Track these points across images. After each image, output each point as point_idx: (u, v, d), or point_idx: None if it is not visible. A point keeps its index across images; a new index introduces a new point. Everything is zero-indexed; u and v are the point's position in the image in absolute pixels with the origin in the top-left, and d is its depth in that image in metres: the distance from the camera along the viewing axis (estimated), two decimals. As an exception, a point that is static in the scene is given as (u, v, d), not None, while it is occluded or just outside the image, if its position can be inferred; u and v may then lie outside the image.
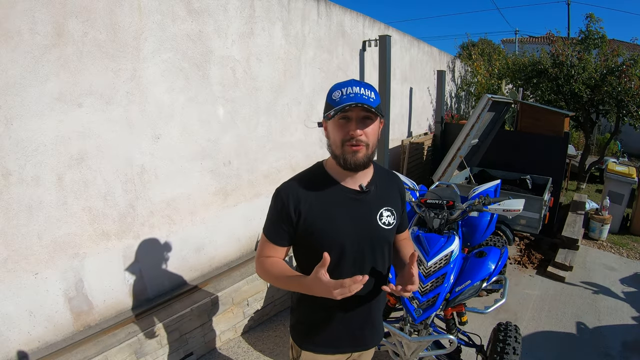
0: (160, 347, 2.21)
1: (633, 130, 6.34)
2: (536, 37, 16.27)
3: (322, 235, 1.14)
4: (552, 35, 6.92)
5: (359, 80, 1.13)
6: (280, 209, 1.14)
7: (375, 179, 1.23)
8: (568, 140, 4.54)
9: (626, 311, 3.18)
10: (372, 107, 1.05)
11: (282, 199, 1.14)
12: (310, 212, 1.13)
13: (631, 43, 7.56)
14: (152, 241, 2.36)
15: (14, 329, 1.82)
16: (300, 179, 1.19)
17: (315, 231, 1.14)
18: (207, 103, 2.55)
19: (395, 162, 5.26)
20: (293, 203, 1.13)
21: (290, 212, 1.13)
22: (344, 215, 1.15)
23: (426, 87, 6.29)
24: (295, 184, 1.17)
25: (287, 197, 1.14)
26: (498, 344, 1.95)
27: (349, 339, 1.26)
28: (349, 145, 1.08)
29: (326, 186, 1.17)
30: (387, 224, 1.21)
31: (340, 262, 1.15)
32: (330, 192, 1.16)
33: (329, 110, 1.08)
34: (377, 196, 1.21)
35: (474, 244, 2.87)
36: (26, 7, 1.67)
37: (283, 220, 1.15)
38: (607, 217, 4.69)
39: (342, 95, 1.07)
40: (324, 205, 1.14)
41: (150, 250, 2.35)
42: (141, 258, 2.31)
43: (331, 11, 3.63)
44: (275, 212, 1.16)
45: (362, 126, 1.08)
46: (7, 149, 1.69)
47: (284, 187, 1.17)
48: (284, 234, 1.17)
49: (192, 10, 2.36)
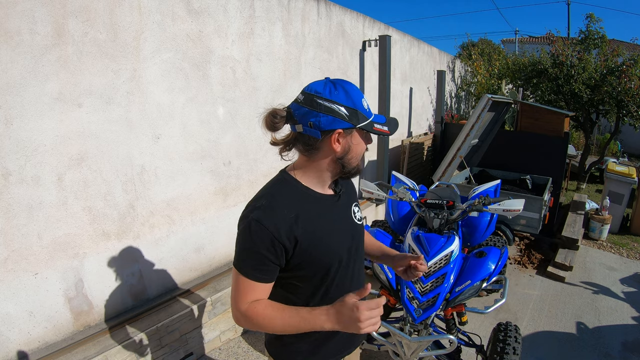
0: (160, 347, 2.21)
1: (633, 130, 6.34)
2: (536, 37, 16.27)
3: (322, 254, 1.03)
4: (552, 35, 6.92)
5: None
6: (270, 241, 0.94)
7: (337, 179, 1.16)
8: (568, 140, 4.55)
9: (626, 311, 3.18)
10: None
11: (267, 229, 0.93)
12: (306, 233, 0.98)
13: (631, 43, 7.56)
14: (152, 241, 2.36)
15: (14, 329, 1.82)
16: (280, 198, 1.00)
17: (314, 252, 1.01)
18: (207, 103, 2.55)
19: (395, 162, 5.26)
20: (285, 231, 0.95)
21: (283, 242, 0.95)
22: (333, 224, 1.07)
23: (426, 87, 6.29)
24: (277, 206, 0.97)
25: (276, 226, 0.94)
26: (498, 344, 1.95)
27: (339, 346, 1.17)
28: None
29: (308, 200, 1.04)
30: (360, 219, 1.20)
31: (338, 273, 1.08)
32: (313, 205, 1.04)
33: (364, 120, 0.98)
34: (346, 195, 1.17)
35: (474, 244, 2.87)
36: (26, 7, 1.67)
37: (272, 253, 0.95)
38: (607, 217, 4.69)
39: (369, 107, 1.02)
40: (314, 221, 1.02)
41: (150, 250, 2.35)
42: (141, 258, 2.31)
43: (331, 11, 3.63)
44: (260, 245, 0.94)
45: None
46: (7, 149, 1.69)
47: (266, 215, 0.95)
48: (272, 268, 0.98)
49: (192, 10, 2.36)
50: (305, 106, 0.96)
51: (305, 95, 0.97)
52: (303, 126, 0.97)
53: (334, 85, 0.97)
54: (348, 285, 1.12)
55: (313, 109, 0.95)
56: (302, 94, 0.98)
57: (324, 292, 1.07)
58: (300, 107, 0.97)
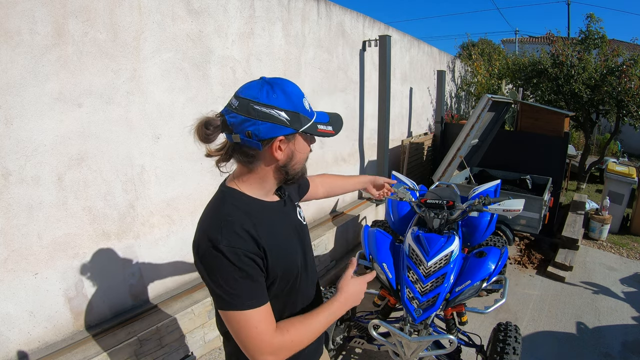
0: (160, 347, 2.21)
1: (633, 130, 6.34)
2: (536, 37, 16.28)
3: (288, 262, 0.98)
4: (552, 35, 6.92)
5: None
6: (247, 258, 0.87)
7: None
8: (568, 140, 4.55)
9: (626, 311, 3.18)
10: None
11: (239, 248, 0.86)
12: (269, 245, 0.93)
13: (631, 43, 7.56)
14: (152, 241, 2.36)
15: (14, 329, 1.82)
16: (233, 217, 0.91)
17: (281, 260, 0.96)
18: (207, 103, 2.55)
19: (395, 162, 5.26)
20: (253, 244, 0.89)
21: (259, 254, 0.90)
22: (288, 231, 1.03)
23: (426, 87, 6.29)
24: (233, 223, 0.90)
25: (244, 241, 0.87)
26: (498, 344, 1.95)
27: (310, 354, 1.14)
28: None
29: (257, 210, 0.97)
30: (304, 218, 1.17)
31: (301, 278, 1.05)
32: (265, 215, 0.98)
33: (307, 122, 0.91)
34: (289, 197, 1.13)
35: (474, 244, 2.87)
36: (26, 7, 1.67)
37: (257, 268, 0.89)
38: (607, 217, 4.69)
39: (310, 107, 0.94)
40: (271, 231, 0.96)
41: (150, 250, 2.35)
42: (141, 258, 2.31)
43: (331, 11, 3.63)
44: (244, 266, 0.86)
45: None
46: (7, 149, 1.69)
47: (228, 235, 0.87)
48: (265, 284, 0.93)
49: (192, 10, 2.36)
50: (240, 114, 0.85)
51: (240, 100, 0.86)
52: (240, 136, 0.87)
53: (271, 87, 0.87)
54: (312, 290, 1.13)
55: (250, 117, 0.85)
56: (236, 98, 0.87)
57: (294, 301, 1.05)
58: (235, 115, 0.86)
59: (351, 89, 4.09)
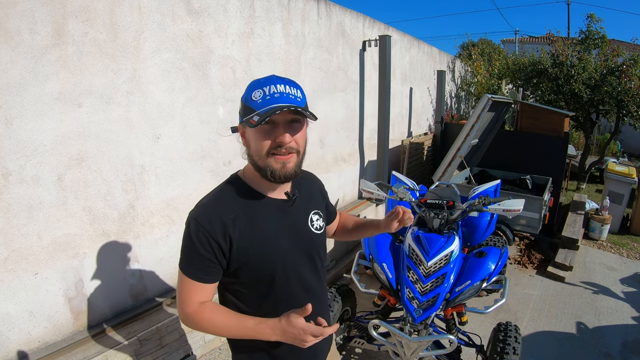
0: (160, 347, 2.21)
1: (633, 130, 6.34)
2: (536, 37, 16.28)
3: (261, 259, 0.99)
4: (552, 35, 6.92)
5: (280, 76, 0.97)
6: (205, 238, 0.93)
7: (296, 182, 1.10)
8: (568, 140, 4.55)
9: (626, 311, 3.18)
10: (303, 110, 0.90)
11: (204, 227, 0.93)
12: (242, 236, 0.96)
13: (631, 43, 7.56)
14: (152, 241, 2.36)
15: (14, 329, 1.82)
16: (219, 198, 0.99)
17: (251, 257, 0.97)
18: (207, 103, 2.55)
19: (395, 162, 5.26)
20: (220, 228, 0.93)
21: (218, 240, 0.93)
22: (278, 230, 1.02)
23: (426, 87, 6.29)
24: (215, 205, 0.97)
25: (211, 224, 0.93)
26: (498, 344, 1.95)
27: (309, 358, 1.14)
28: (275, 154, 0.93)
29: (251, 202, 1.00)
30: (318, 228, 1.12)
31: (286, 285, 1.04)
32: (257, 208, 1.00)
33: (250, 113, 0.91)
34: (303, 201, 1.11)
35: (474, 244, 2.87)
36: (26, 7, 1.67)
37: (210, 251, 0.94)
38: (607, 217, 4.69)
39: (265, 95, 0.90)
40: (254, 225, 0.98)
41: (150, 250, 2.35)
42: (141, 258, 2.31)
43: (331, 11, 3.63)
44: (198, 244, 0.93)
45: (290, 131, 0.93)
46: (7, 149, 1.69)
47: (202, 212, 0.95)
48: (214, 268, 0.96)
49: (192, 10, 2.36)
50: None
51: None
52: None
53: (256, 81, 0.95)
54: (303, 297, 1.06)
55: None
56: None
57: (273, 302, 1.03)
58: None
59: (351, 89, 4.09)
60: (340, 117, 3.98)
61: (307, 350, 0.98)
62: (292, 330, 0.91)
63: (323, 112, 3.64)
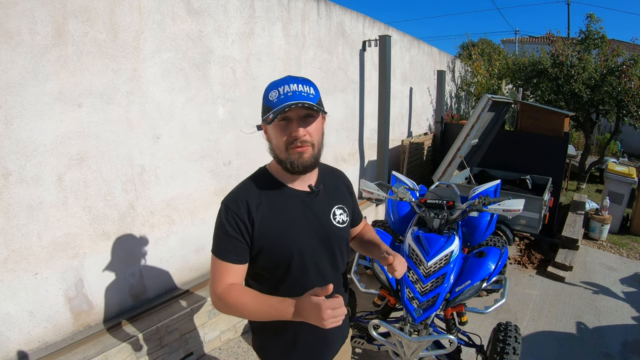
0: (160, 347, 2.21)
1: (633, 130, 6.34)
2: (536, 37, 16.27)
3: (280, 245, 1.06)
4: (552, 35, 6.92)
5: (295, 76, 1.05)
6: (234, 220, 1.03)
7: (321, 177, 1.19)
8: (568, 140, 4.55)
9: (626, 311, 3.18)
10: (312, 104, 0.98)
11: (233, 211, 1.04)
12: (264, 221, 1.05)
13: (631, 43, 7.56)
14: (152, 241, 2.36)
15: (14, 329, 1.82)
16: (247, 187, 1.10)
17: (270, 241, 1.06)
18: (207, 103, 2.55)
19: (395, 162, 5.26)
20: (245, 211, 1.04)
21: (245, 221, 1.03)
22: (299, 219, 1.09)
23: (426, 87, 6.29)
24: (243, 192, 1.08)
25: (238, 207, 1.04)
26: (498, 344, 1.95)
27: (322, 346, 1.20)
28: (293, 147, 1.01)
29: (275, 191, 1.09)
30: (341, 222, 1.18)
31: (303, 272, 1.09)
32: (280, 198, 1.09)
33: (267, 112, 1.01)
34: (327, 195, 1.17)
35: (474, 244, 2.87)
36: (26, 7, 1.67)
37: (239, 234, 1.03)
38: (607, 217, 4.69)
39: (280, 95, 0.99)
40: (276, 212, 1.07)
41: (150, 250, 2.35)
42: (141, 258, 2.31)
43: (331, 11, 3.63)
44: (228, 226, 1.03)
45: (304, 125, 1.01)
46: (7, 149, 1.69)
47: (232, 198, 1.07)
48: (242, 249, 1.05)
49: (192, 10, 2.36)
50: None
51: None
52: None
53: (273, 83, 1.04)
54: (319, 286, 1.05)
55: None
56: None
57: (289, 288, 1.08)
58: None
59: (351, 89, 4.09)
60: (340, 117, 3.98)
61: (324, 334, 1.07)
62: (311, 306, 0.92)
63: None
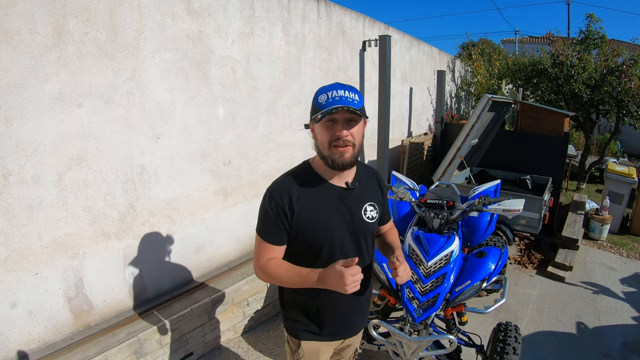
0: (160, 347, 2.21)
1: (633, 130, 6.34)
2: (536, 37, 16.27)
3: (314, 232, 1.21)
4: (552, 35, 6.91)
5: (343, 83, 1.18)
6: (276, 207, 1.18)
7: (358, 175, 1.31)
8: (568, 140, 4.54)
9: (626, 311, 3.18)
10: (357, 109, 1.10)
11: (276, 198, 1.18)
12: (302, 210, 1.19)
13: (631, 43, 7.55)
14: (152, 241, 2.36)
15: (14, 329, 1.82)
16: (291, 177, 1.24)
17: (307, 228, 1.20)
18: (207, 103, 2.55)
19: (395, 162, 5.26)
20: (287, 200, 1.18)
21: (285, 209, 1.18)
22: (333, 211, 1.23)
23: (426, 87, 6.29)
24: (286, 182, 1.22)
25: (281, 196, 1.18)
26: (498, 344, 1.95)
27: (342, 327, 1.36)
28: (336, 146, 1.14)
29: (315, 184, 1.23)
30: (371, 217, 1.31)
31: (331, 257, 1.22)
32: (319, 190, 1.22)
33: (316, 113, 1.14)
34: (361, 192, 1.30)
35: (474, 244, 2.87)
36: (26, 7, 1.67)
37: (279, 219, 1.18)
38: (607, 217, 4.69)
39: (328, 98, 1.12)
40: (314, 202, 1.20)
41: (150, 250, 2.35)
42: (141, 258, 2.31)
43: (331, 11, 3.63)
44: (270, 211, 1.19)
45: (348, 127, 1.13)
46: (7, 149, 1.69)
47: (276, 186, 1.22)
48: (282, 232, 1.20)
49: (192, 10, 2.36)
50: None
51: None
52: None
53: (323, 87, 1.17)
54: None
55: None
56: None
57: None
58: None
59: (351, 89, 4.08)
60: (340, 117, 3.97)
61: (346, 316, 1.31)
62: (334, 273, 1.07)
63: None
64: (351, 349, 1.51)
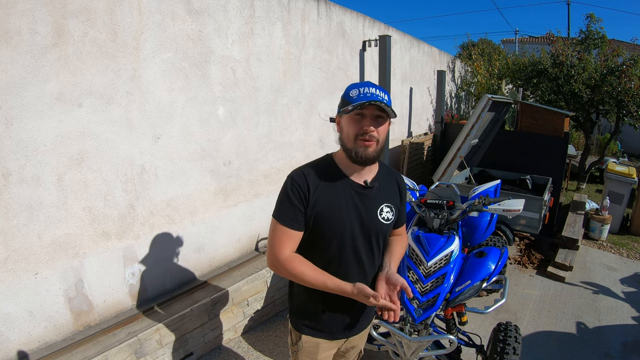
0: (160, 347, 2.21)
1: (633, 130, 6.34)
2: (536, 37, 16.28)
3: (328, 224, 1.21)
4: (552, 35, 6.92)
5: (373, 82, 1.20)
6: (298, 191, 1.19)
7: (379, 175, 1.30)
8: (568, 140, 4.54)
9: (626, 311, 3.18)
10: (386, 106, 1.13)
11: (297, 183, 1.20)
12: (319, 201, 1.20)
13: (631, 43, 7.56)
14: (152, 241, 2.36)
15: (14, 329, 1.82)
16: (312, 167, 1.25)
17: (321, 219, 1.20)
18: (207, 103, 2.55)
19: (395, 162, 5.26)
20: (306, 188, 1.19)
21: (306, 193, 1.19)
22: (349, 207, 1.23)
23: (426, 87, 6.29)
24: (308, 171, 1.23)
25: (302, 182, 1.20)
26: (498, 344, 1.95)
27: (344, 326, 1.35)
28: (361, 139, 1.15)
29: (334, 178, 1.23)
30: (386, 219, 1.30)
31: (341, 251, 1.24)
32: (337, 184, 1.23)
33: (346, 105, 1.16)
34: (380, 192, 1.29)
35: (474, 244, 2.87)
36: (26, 7, 1.67)
37: (300, 202, 1.19)
38: (607, 217, 4.69)
39: (360, 94, 1.14)
40: (330, 194, 1.21)
41: (150, 250, 2.35)
42: (141, 258, 2.31)
43: (331, 11, 3.63)
44: (292, 195, 1.19)
45: (375, 124, 1.15)
46: (7, 149, 1.69)
47: (298, 173, 1.23)
48: (301, 217, 1.20)
49: (192, 10, 2.36)
50: None
51: None
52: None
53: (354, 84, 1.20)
54: (354, 267, 1.27)
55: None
56: None
57: (326, 261, 1.24)
58: None
59: (351, 89, 4.08)
60: (340, 117, 3.98)
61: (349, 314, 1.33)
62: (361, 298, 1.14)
63: (323, 112, 3.64)
64: (355, 350, 1.51)
